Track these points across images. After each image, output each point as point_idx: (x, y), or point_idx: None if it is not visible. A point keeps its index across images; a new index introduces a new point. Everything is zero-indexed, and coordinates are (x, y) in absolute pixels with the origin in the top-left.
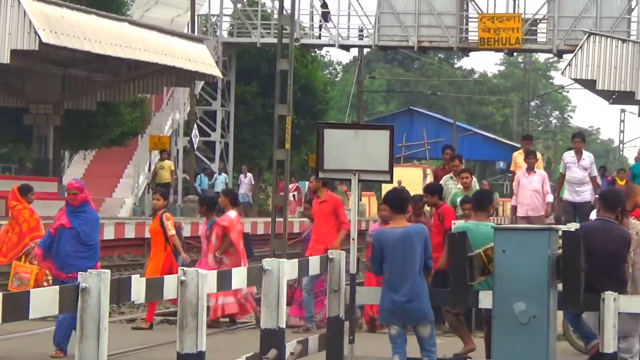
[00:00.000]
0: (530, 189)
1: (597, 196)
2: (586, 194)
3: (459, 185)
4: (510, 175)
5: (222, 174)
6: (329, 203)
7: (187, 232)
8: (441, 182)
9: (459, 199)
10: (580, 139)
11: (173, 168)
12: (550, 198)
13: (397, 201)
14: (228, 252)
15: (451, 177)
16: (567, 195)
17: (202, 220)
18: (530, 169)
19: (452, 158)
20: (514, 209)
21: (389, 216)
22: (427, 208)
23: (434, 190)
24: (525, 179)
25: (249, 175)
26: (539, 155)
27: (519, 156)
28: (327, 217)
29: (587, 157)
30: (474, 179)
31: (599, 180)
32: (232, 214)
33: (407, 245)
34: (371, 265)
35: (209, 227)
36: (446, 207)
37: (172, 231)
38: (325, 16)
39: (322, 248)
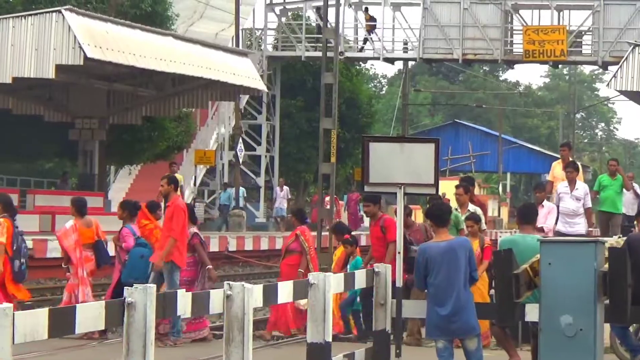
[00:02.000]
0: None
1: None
2: (579, 226)
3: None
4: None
5: (227, 189)
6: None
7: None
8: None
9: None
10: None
11: (183, 183)
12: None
13: (439, 215)
14: (71, 262)
15: (456, 209)
16: (559, 226)
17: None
18: (570, 182)
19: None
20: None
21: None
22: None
23: (373, 199)
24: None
25: (285, 188)
26: (577, 163)
27: (557, 166)
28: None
29: (581, 187)
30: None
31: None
32: (68, 223)
33: (452, 258)
34: (415, 280)
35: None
36: (389, 219)
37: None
38: (371, 30)
39: None
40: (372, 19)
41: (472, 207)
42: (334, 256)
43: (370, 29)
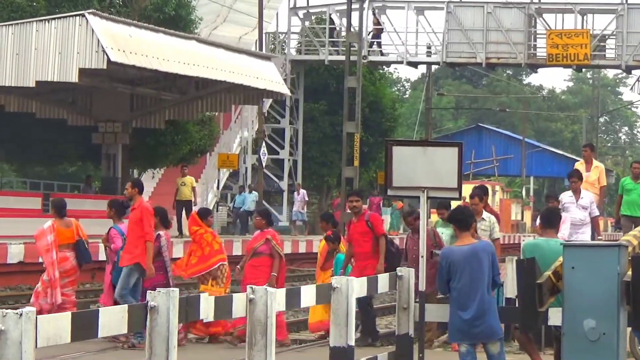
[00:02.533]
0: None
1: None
2: (585, 235)
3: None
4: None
5: (253, 192)
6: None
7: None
8: (437, 229)
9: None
10: (577, 177)
11: (195, 185)
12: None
13: (462, 219)
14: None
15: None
16: (566, 236)
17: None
18: (575, 192)
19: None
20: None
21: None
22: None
23: (361, 194)
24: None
25: (302, 191)
26: (599, 165)
27: (579, 167)
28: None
29: (586, 196)
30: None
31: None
32: (46, 224)
33: (475, 262)
34: (438, 284)
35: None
36: (374, 214)
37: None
38: (378, 34)
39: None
40: (378, 22)
41: (486, 215)
42: (319, 247)
43: (378, 33)
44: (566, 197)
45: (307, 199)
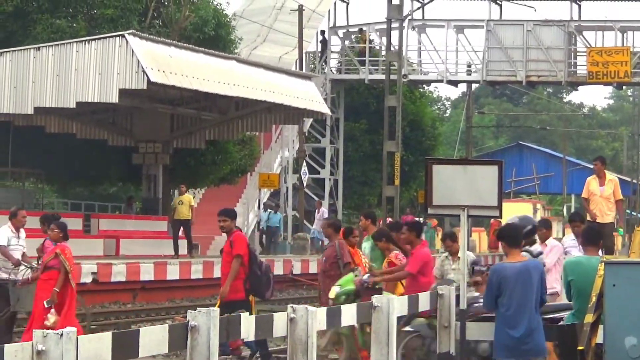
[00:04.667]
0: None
1: None
2: None
3: (454, 266)
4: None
5: (278, 212)
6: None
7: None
8: (438, 261)
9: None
10: (580, 221)
11: (193, 203)
12: None
13: (512, 235)
14: None
15: (447, 257)
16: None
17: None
18: (577, 237)
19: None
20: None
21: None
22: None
23: (230, 214)
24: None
25: (323, 210)
26: (614, 178)
27: (592, 181)
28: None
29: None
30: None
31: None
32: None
33: (526, 280)
34: (485, 299)
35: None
36: (237, 234)
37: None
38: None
39: None
40: (369, 41)
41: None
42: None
43: (363, 52)
44: (568, 240)
45: (326, 216)
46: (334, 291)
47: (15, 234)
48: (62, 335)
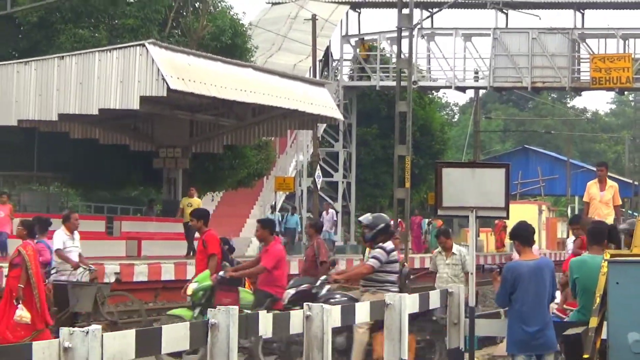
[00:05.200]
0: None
1: None
2: None
3: (447, 261)
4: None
5: (295, 214)
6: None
7: None
8: (433, 255)
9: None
10: (578, 223)
11: (201, 206)
12: None
13: (525, 235)
14: None
15: (440, 252)
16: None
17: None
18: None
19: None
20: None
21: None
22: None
23: (199, 214)
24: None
25: (331, 212)
26: (614, 184)
27: (593, 186)
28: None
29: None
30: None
31: None
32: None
33: (539, 277)
34: (499, 296)
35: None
36: (210, 233)
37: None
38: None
39: None
40: (369, 49)
41: (456, 249)
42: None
43: (365, 58)
44: (571, 242)
45: (335, 219)
46: (191, 288)
47: (69, 237)
48: (87, 333)
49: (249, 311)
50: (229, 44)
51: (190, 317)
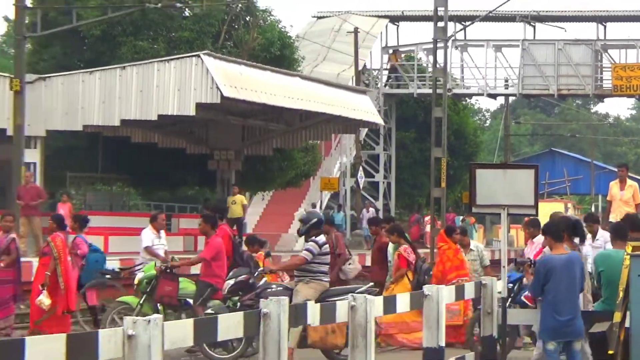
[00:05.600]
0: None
1: None
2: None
3: (466, 257)
4: None
5: (341, 212)
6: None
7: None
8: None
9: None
10: (592, 221)
11: (245, 202)
12: None
13: (556, 231)
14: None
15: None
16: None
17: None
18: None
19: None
20: None
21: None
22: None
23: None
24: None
25: (371, 209)
26: (634, 183)
27: (614, 186)
28: None
29: (602, 237)
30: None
31: None
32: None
33: (570, 270)
34: (532, 287)
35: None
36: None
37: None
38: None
39: None
40: (400, 59)
41: (474, 245)
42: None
43: (393, 68)
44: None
45: (375, 216)
46: (138, 277)
47: (156, 235)
48: (149, 321)
49: (190, 300)
50: (278, 54)
51: (136, 303)
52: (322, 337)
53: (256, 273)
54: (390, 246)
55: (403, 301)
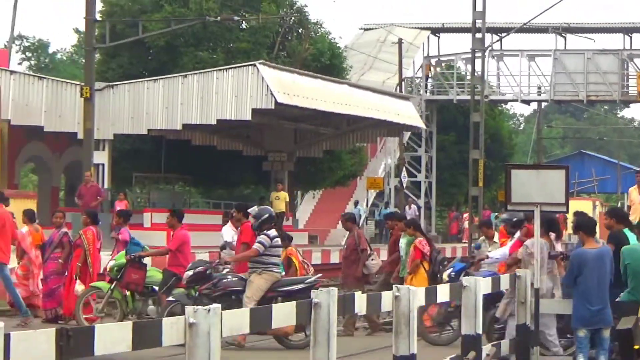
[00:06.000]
0: None
1: None
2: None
3: (489, 249)
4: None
5: (388, 207)
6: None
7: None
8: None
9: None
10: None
11: (287, 199)
12: None
13: (589, 226)
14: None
15: (483, 241)
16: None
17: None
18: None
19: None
20: None
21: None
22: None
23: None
24: None
25: (413, 207)
26: None
27: (633, 191)
28: None
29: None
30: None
31: None
32: (24, 229)
33: (601, 263)
34: (566, 278)
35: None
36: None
37: None
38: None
39: None
40: (431, 69)
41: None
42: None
43: (428, 77)
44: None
45: (417, 213)
46: (109, 265)
47: (235, 231)
48: (209, 310)
49: (156, 287)
50: (328, 64)
51: (107, 288)
52: None
53: (214, 264)
54: (402, 240)
55: (443, 292)
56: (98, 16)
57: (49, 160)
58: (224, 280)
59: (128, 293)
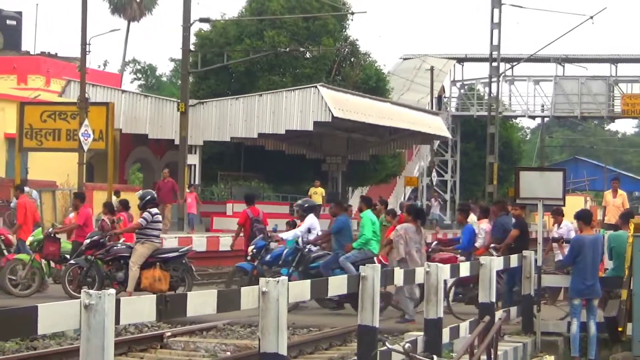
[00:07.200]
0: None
1: None
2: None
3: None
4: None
5: (417, 201)
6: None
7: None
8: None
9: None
10: (557, 214)
11: (324, 194)
12: None
13: (585, 217)
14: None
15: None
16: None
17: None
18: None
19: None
20: None
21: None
22: None
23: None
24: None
25: (436, 200)
26: (623, 192)
27: (608, 194)
28: None
29: (565, 227)
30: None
31: None
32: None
33: (595, 247)
34: (566, 258)
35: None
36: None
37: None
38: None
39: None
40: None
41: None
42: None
43: (440, 95)
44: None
45: (441, 204)
46: (29, 239)
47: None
48: (278, 282)
49: (67, 255)
50: (374, 86)
51: (28, 259)
52: (151, 283)
53: (107, 236)
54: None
55: (465, 268)
56: (192, 47)
57: (152, 161)
58: (115, 248)
59: (45, 262)
